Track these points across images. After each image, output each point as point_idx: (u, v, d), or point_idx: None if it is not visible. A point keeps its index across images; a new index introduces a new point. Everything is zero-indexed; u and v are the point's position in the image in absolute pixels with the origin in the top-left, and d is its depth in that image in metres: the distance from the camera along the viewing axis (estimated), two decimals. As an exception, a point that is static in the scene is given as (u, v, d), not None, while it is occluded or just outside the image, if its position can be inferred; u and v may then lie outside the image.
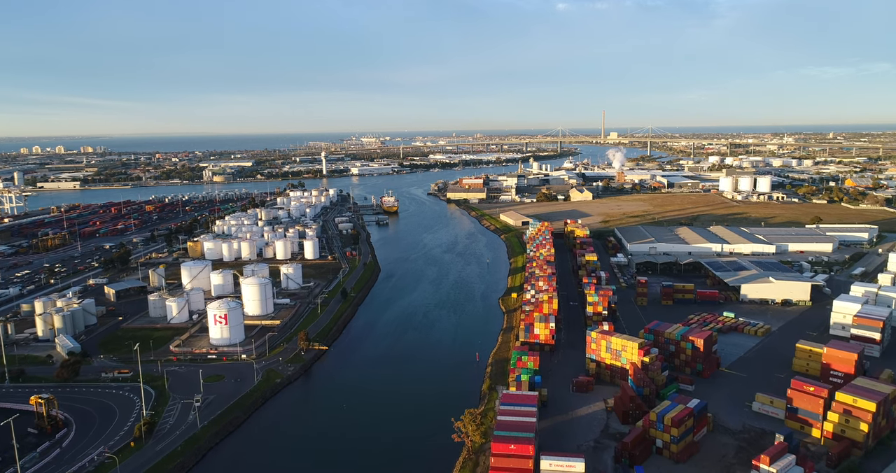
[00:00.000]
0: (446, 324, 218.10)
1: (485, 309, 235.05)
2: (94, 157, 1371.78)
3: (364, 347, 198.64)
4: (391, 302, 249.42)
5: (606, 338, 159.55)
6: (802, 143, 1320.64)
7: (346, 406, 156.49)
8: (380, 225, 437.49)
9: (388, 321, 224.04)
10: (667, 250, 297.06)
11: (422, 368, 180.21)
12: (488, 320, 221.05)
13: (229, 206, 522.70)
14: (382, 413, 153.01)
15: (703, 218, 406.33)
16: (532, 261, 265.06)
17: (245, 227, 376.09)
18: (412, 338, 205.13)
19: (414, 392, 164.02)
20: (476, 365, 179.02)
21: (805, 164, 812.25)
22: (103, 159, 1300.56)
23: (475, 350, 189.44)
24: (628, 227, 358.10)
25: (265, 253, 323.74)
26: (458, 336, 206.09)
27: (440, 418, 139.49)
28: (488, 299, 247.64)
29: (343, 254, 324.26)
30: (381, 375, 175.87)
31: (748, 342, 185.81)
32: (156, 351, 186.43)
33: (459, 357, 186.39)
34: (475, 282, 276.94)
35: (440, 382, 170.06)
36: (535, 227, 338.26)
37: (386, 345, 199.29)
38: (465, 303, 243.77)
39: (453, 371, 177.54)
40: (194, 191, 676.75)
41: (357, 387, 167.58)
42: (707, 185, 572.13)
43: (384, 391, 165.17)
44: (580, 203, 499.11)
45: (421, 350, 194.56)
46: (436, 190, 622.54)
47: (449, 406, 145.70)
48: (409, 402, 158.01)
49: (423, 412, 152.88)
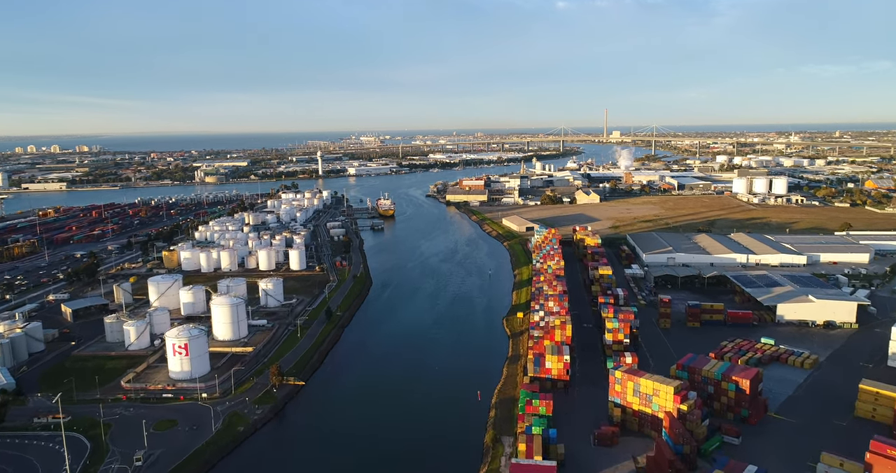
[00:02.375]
0: (443, 351, 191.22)
1: (487, 332, 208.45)
2: (87, 157, 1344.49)
3: (347, 381, 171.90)
4: (381, 322, 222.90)
5: (634, 379, 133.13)
6: (809, 142, 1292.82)
7: (323, 462, 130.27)
8: (375, 230, 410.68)
9: (376, 347, 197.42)
10: (687, 261, 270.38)
11: (414, 409, 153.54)
12: (491, 345, 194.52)
13: (217, 210, 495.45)
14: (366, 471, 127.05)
15: (720, 223, 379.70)
16: (539, 275, 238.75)
17: (229, 234, 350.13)
18: (403, 369, 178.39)
19: (404, 442, 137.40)
20: (478, 404, 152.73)
21: (817, 164, 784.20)
22: (97, 159, 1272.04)
23: (475, 383, 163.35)
24: (642, 234, 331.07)
25: (247, 264, 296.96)
26: (457, 366, 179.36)
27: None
28: (491, 319, 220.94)
29: (332, 264, 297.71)
30: (365, 417, 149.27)
31: (795, 376, 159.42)
32: (105, 386, 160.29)
33: (458, 392, 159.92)
34: (476, 298, 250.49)
35: (435, 428, 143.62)
36: (540, 234, 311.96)
37: (372, 378, 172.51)
38: (465, 324, 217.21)
39: (450, 412, 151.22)
40: (185, 192, 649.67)
41: (336, 435, 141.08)
42: (720, 187, 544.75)
43: (368, 438, 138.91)
44: (587, 206, 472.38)
45: (413, 384, 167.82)
46: (435, 191, 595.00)
47: (446, 463, 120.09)
48: (397, 458, 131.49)
49: (415, 471, 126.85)
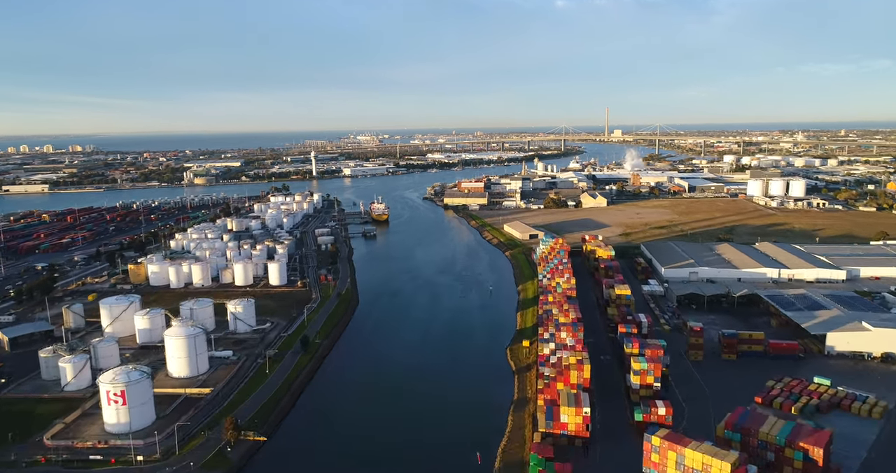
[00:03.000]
0: (435, 392, 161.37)
1: (488, 364, 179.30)
2: (78, 157, 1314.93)
3: (318, 434, 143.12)
4: (365, 352, 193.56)
5: (676, 449, 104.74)
6: (815, 141, 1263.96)
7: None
8: (367, 237, 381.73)
9: (356, 386, 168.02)
10: (711, 276, 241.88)
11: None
12: (493, 383, 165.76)
13: (200, 215, 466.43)
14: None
15: (740, 230, 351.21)
16: (547, 293, 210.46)
17: (206, 243, 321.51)
18: (386, 419, 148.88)
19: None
20: (477, 469, 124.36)
21: (830, 164, 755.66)
22: (88, 159, 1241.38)
23: (474, 436, 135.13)
24: (658, 243, 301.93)
25: (222, 278, 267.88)
26: (452, 412, 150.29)
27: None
28: (492, 348, 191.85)
29: (316, 279, 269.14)
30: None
31: (863, 430, 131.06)
32: (28, 441, 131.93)
33: (452, 453, 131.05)
34: (475, 319, 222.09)
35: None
36: (546, 244, 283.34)
37: (349, 431, 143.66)
38: (463, 353, 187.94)
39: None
40: (173, 194, 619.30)
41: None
42: (733, 189, 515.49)
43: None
44: (594, 210, 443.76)
45: (397, 438, 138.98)
46: (432, 194, 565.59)
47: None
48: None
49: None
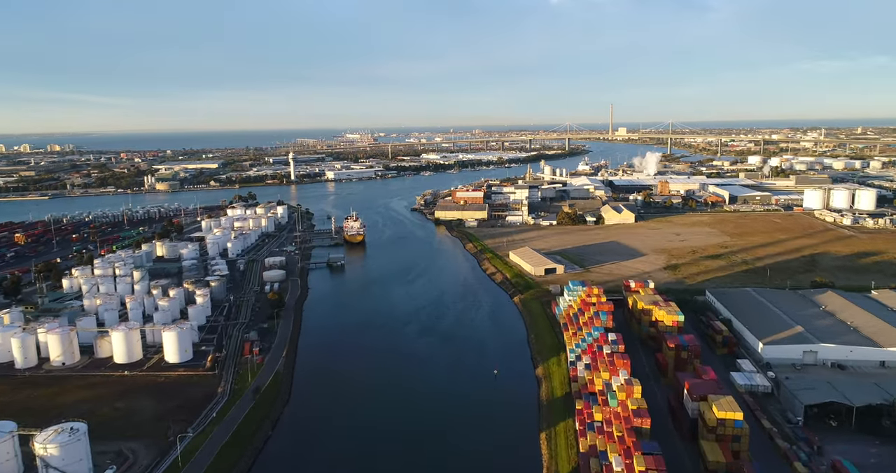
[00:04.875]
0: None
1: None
2: (48, 157, 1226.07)
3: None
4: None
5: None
6: (836, 140, 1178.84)
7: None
8: (332, 268, 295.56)
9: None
10: (839, 358, 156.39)
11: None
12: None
13: (136, 233, 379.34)
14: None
15: (823, 261, 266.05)
16: (587, 399, 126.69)
17: (105, 284, 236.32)
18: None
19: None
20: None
21: (873, 167, 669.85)
22: (57, 160, 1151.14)
23: None
24: (731, 292, 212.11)
25: (97, 351, 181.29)
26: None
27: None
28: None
29: (239, 348, 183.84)
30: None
31: None
32: None
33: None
34: (473, 442, 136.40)
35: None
36: (573, 294, 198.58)
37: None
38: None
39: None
40: (131, 202, 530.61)
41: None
42: (784, 200, 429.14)
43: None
44: (620, 229, 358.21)
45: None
46: (422, 204, 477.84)
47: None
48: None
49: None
